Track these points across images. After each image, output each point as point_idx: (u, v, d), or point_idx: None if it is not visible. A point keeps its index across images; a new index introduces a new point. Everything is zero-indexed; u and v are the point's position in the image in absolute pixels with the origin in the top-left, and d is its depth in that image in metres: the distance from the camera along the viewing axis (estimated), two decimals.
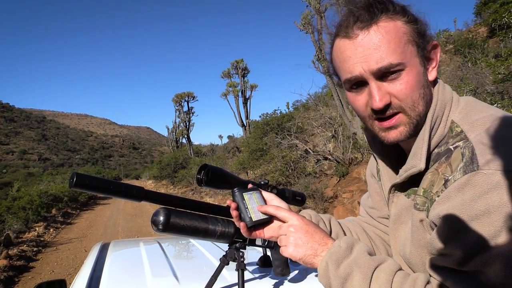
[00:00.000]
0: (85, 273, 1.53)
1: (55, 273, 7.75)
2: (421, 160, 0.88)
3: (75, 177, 0.90)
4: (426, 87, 0.90)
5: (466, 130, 0.84)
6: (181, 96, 40.02)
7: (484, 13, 17.44)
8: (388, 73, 0.86)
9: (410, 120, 0.89)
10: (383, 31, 0.85)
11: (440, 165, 0.84)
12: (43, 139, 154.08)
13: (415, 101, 0.87)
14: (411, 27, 0.88)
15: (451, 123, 0.90)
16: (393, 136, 0.91)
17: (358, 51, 0.87)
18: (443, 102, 0.91)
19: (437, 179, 0.83)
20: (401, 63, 0.85)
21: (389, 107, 0.88)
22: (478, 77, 9.23)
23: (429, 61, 0.92)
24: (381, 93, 0.86)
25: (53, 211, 17.22)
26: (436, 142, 0.90)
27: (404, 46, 0.86)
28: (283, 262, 1.31)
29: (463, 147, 0.80)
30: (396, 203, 1.02)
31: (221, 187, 1.17)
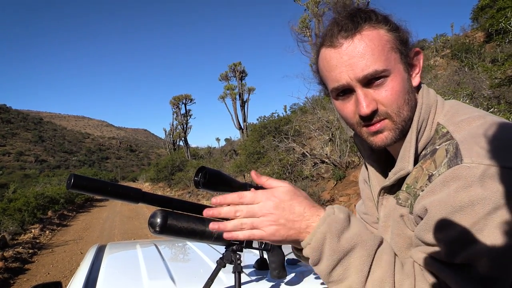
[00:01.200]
0: (81, 276, 1.53)
1: (50, 275, 7.72)
2: (409, 162, 0.90)
3: (73, 179, 0.89)
4: (410, 93, 0.92)
5: (452, 130, 0.86)
6: (178, 98, 40.06)
7: (481, 18, 17.54)
8: (373, 80, 0.88)
9: (395, 126, 0.91)
10: (366, 39, 0.87)
11: (425, 162, 0.86)
12: (40, 140, 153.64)
13: (400, 107, 0.90)
14: (393, 35, 0.90)
15: (437, 125, 0.91)
16: (380, 141, 0.93)
17: (343, 59, 0.88)
18: (428, 106, 0.93)
19: (421, 175, 0.86)
20: (386, 69, 0.87)
21: (375, 113, 0.90)
22: (474, 81, 9.27)
23: (412, 68, 0.94)
24: (367, 100, 0.88)
25: (49, 213, 17.16)
26: (423, 144, 0.92)
27: (387, 53, 0.88)
28: (280, 264, 1.32)
29: (448, 144, 0.82)
30: (385, 205, 1.03)
31: (218, 189, 1.17)
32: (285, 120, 17.36)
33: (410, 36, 0.93)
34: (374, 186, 1.09)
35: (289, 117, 18.57)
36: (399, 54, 0.90)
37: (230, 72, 31.51)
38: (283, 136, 14.13)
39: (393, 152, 1.04)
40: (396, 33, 0.90)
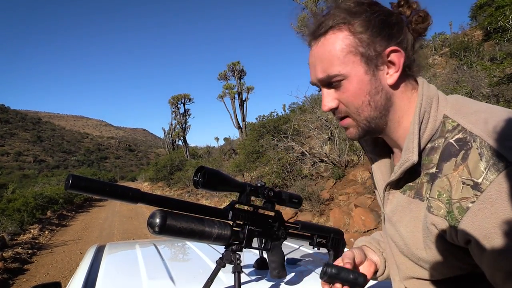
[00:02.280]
0: (80, 276, 1.53)
1: (50, 276, 7.72)
2: (413, 153, 0.90)
3: (71, 179, 0.89)
4: (375, 94, 0.93)
5: (463, 123, 0.85)
6: (177, 98, 40.03)
7: (480, 17, 17.53)
8: (331, 82, 0.93)
9: (357, 124, 0.96)
10: (326, 43, 0.92)
11: (457, 168, 0.82)
12: (38, 140, 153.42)
13: (358, 108, 0.93)
14: (356, 37, 0.90)
15: (443, 117, 0.91)
16: (349, 135, 1.00)
17: (311, 60, 0.96)
18: (428, 97, 0.94)
19: (455, 182, 0.82)
20: (339, 74, 0.91)
21: (336, 111, 0.97)
22: (473, 80, 9.27)
23: (389, 65, 0.93)
24: (327, 99, 0.95)
25: (48, 213, 17.15)
26: (429, 136, 0.92)
27: (345, 58, 0.90)
28: (280, 264, 1.32)
29: (479, 147, 0.79)
30: (391, 200, 1.02)
31: (217, 189, 1.17)
32: (284, 119, 17.34)
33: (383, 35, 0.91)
34: (379, 181, 1.09)
35: (288, 116, 18.55)
36: (359, 57, 0.90)
37: (229, 71, 31.47)
38: (282, 135, 14.12)
39: (391, 144, 1.05)
40: (363, 34, 0.90)
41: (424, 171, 0.92)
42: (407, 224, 0.96)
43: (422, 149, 0.92)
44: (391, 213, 1.02)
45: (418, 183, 0.94)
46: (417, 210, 0.93)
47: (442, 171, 0.85)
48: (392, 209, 1.01)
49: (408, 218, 0.96)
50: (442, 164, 0.86)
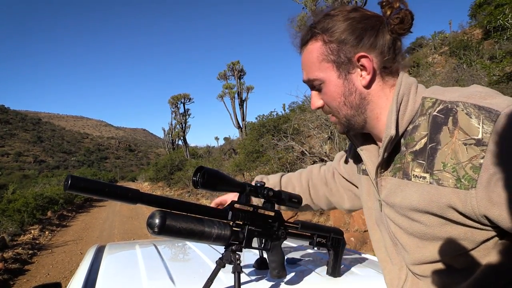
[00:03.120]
0: (80, 276, 1.52)
1: (50, 276, 7.72)
2: (391, 128, 0.97)
3: (70, 180, 0.89)
4: (349, 95, 1.04)
5: (441, 97, 0.94)
6: (177, 97, 40.05)
7: (479, 15, 17.54)
8: (313, 86, 1.09)
9: (339, 121, 1.09)
10: (307, 52, 1.07)
11: (452, 134, 0.86)
12: (38, 141, 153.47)
13: (336, 107, 1.06)
14: (327, 46, 1.03)
15: (422, 98, 0.99)
16: (338, 130, 1.13)
17: (301, 65, 1.10)
18: (407, 84, 1.02)
19: (457, 147, 0.85)
20: (317, 79, 1.06)
21: (322, 109, 1.11)
22: (473, 78, 9.28)
23: (361, 70, 1.02)
24: (314, 99, 1.11)
25: (48, 214, 17.15)
26: (410, 117, 0.99)
27: (320, 65, 1.04)
28: (280, 264, 1.32)
29: (464, 108, 0.85)
30: (385, 185, 1.07)
31: (217, 189, 1.17)
32: (284, 119, 17.35)
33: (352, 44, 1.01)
34: (372, 171, 1.12)
35: (288, 115, 18.55)
36: (331, 63, 1.03)
37: (228, 71, 31.49)
38: (282, 135, 14.12)
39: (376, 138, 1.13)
40: (333, 43, 1.02)
41: (408, 150, 0.98)
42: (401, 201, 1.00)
43: (404, 129, 0.99)
44: (387, 197, 1.06)
45: (404, 162, 0.99)
46: (406, 189, 0.98)
47: (440, 143, 0.89)
48: (387, 194, 1.06)
49: (399, 198, 1.00)
50: (437, 137, 0.90)
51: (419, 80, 13.11)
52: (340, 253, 1.55)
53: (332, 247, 1.52)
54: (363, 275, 1.60)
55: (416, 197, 0.95)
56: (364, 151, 1.17)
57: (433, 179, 0.90)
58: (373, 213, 1.21)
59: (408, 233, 1.02)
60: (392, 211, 1.06)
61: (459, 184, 0.84)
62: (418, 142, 0.95)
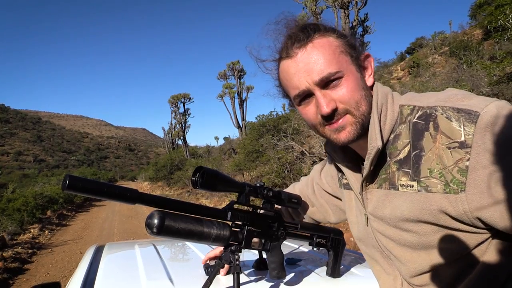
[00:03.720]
0: (79, 276, 1.52)
1: (50, 275, 7.71)
2: (376, 139, 0.95)
3: (68, 180, 0.88)
4: (366, 89, 1.00)
5: (418, 104, 0.94)
6: (177, 97, 40.03)
7: (479, 16, 17.54)
8: (329, 82, 0.95)
9: (356, 120, 0.98)
10: (318, 46, 0.96)
11: (435, 139, 0.86)
12: (38, 140, 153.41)
13: (358, 102, 0.97)
14: (341, 40, 0.99)
15: (400, 107, 0.98)
16: (344, 137, 0.99)
17: (300, 67, 0.97)
18: (383, 93, 1.01)
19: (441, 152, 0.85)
20: (339, 71, 0.95)
21: (336, 112, 0.97)
22: (473, 79, 9.27)
23: (364, 70, 1.02)
24: (326, 100, 0.96)
25: (48, 213, 17.14)
26: (390, 126, 0.98)
27: (338, 57, 0.96)
28: (279, 265, 1.31)
29: (443, 112, 0.86)
30: (371, 199, 1.06)
31: (216, 189, 1.16)
32: (284, 119, 17.31)
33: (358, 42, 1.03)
34: (354, 185, 1.11)
35: (288, 115, 18.51)
36: (349, 57, 0.98)
37: (228, 71, 31.45)
38: (282, 135, 14.11)
39: (360, 151, 1.09)
40: (344, 38, 1.00)
41: (392, 159, 0.97)
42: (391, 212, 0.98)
43: (387, 139, 0.98)
44: (375, 210, 1.04)
45: (390, 173, 0.98)
46: (394, 200, 0.96)
47: (424, 149, 0.89)
48: (374, 207, 1.04)
49: (389, 210, 0.99)
50: (420, 144, 0.90)
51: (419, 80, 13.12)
52: (340, 254, 1.54)
53: (332, 248, 1.52)
54: (363, 276, 1.59)
55: (406, 207, 0.93)
56: (345, 166, 1.15)
57: (421, 186, 0.89)
58: (356, 228, 1.20)
59: (401, 245, 1.01)
60: (381, 224, 1.04)
61: (448, 189, 0.84)
62: (402, 151, 0.95)
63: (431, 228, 0.91)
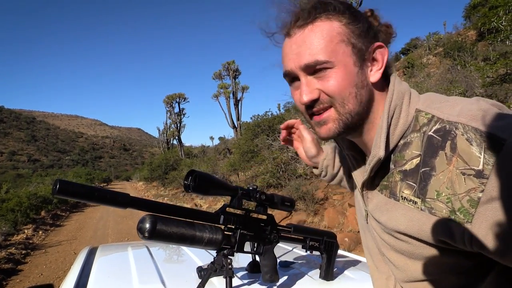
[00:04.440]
0: (71, 279, 1.51)
1: (44, 276, 7.67)
2: (380, 147, 0.88)
3: (59, 184, 0.88)
4: (361, 88, 0.90)
5: (438, 114, 0.83)
6: (172, 97, 39.97)
7: (473, 17, 17.63)
8: (317, 70, 0.88)
9: (339, 117, 0.90)
10: (316, 30, 0.88)
11: (450, 161, 0.77)
12: (32, 140, 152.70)
13: (345, 98, 0.88)
14: (348, 27, 0.89)
15: (416, 111, 0.89)
16: (323, 132, 0.93)
17: (292, 48, 0.91)
18: (400, 93, 0.92)
19: (454, 176, 0.76)
20: (329, 61, 0.86)
21: (316, 102, 0.90)
22: (467, 80, 9.31)
23: (372, 63, 0.92)
24: (308, 89, 0.90)
25: (42, 213, 17.05)
26: (401, 131, 0.89)
27: (335, 46, 0.87)
28: (272, 268, 1.31)
29: (465, 133, 0.76)
30: (371, 199, 1.00)
31: (208, 193, 1.16)
32: (279, 119, 17.32)
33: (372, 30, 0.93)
34: (358, 179, 1.06)
35: (283, 115, 18.54)
36: (350, 47, 0.89)
37: (223, 71, 31.45)
38: (277, 135, 14.12)
39: (363, 148, 1.02)
40: (353, 26, 0.90)
41: (397, 168, 0.89)
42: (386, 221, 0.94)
43: (395, 145, 0.90)
44: (374, 212, 0.99)
45: (392, 181, 0.91)
46: (393, 210, 0.90)
47: (435, 169, 0.80)
48: (373, 208, 0.99)
49: (385, 218, 0.94)
50: (432, 161, 0.81)
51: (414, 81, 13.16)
52: (333, 257, 1.54)
53: (325, 251, 1.52)
54: (356, 279, 1.59)
55: (403, 221, 0.87)
56: (351, 156, 1.09)
57: (425, 206, 0.82)
58: (359, 216, 1.15)
59: (395, 250, 0.96)
60: (378, 226, 1.00)
61: (453, 216, 0.77)
62: (409, 162, 0.86)
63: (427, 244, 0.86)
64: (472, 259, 0.82)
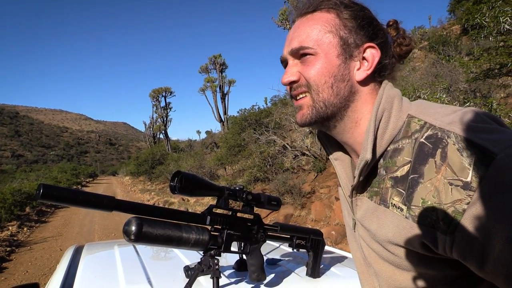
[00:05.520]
0: (57, 281, 1.50)
1: (29, 274, 7.59)
2: (367, 151, 0.87)
3: (42, 189, 0.87)
4: (340, 81, 0.91)
5: (431, 120, 0.82)
6: (158, 91, 39.69)
7: (458, 11, 17.81)
8: (302, 55, 0.92)
9: (313, 104, 0.92)
10: (312, 19, 0.93)
11: (439, 170, 0.76)
12: (16, 135, 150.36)
13: (320, 86, 0.91)
14: (342, 21, 0.92)
15: (408, 117, 0.88)
16: (299, 118, 0.96)
17: (289, 35, 0.96)
18: (389, 97, 0.91)
19: (441, 185, 0.75)
20: (311, 48, 0.90)
21: (295, 84, 0.94)
22: (451, 74, 9.41)
23: (362, 61, 0.92)
24: (290, 71, 0.94)
25: (27, 210, 16.84)
26: (391, 136, 0.88)
27: (323, 35, 0.91)
28: (259, 267, 1.31)
29: (456, 142, 0.75)
30: (360, 206, 0.99)
31: (195, 194, 1.16)
32: (266, 113, 17.35)
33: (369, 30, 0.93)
34: (346, 186, 1.05)
35: (270, 109, 18.56)
36: (338, 39, 0.91)
37: (210, 65, 31.30)
38: (263, 129, 14.13)
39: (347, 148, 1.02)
40: (348, 21, 0.92)
41: (388, 174, 0.88)
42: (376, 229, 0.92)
43: (384, 150, 0.89)
44: (362, 219, 0.98)
45: (383, 188, 0.90)
46: (383, 217, 0.89)
47: (423, 176, 0.79)
48: (362, 215, 0.98)
49: (375, 225, 0.92)
50: (421, 168, 0.80)
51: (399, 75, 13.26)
52: (320, 254, 1.55)
53: (312, 249, 1.53)
54: (343, 275, 1.61)
55: (391, 229, 0.86)
56: (337, 162, 1.07)
57: (409, 214, 0.81)
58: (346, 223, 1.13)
59: (383, 259, 0.95)
60: (366, 235, 0.98)
61: (436, 225, 0.76)
62: (400, 168, 0.85)
63: (414, 254, 0.85)
64: (459, 269, 0.81)
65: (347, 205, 1.07)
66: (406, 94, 6.69)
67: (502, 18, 6.08)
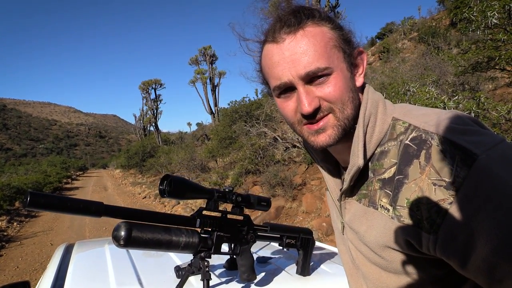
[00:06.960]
0: (48, 281, 1.49)
1: (20, 269, 7.56)
2: (358, 156, 0.88)
3: (29, 196, 0.86)
4: (354, 92, 0.90)
5: (415, 123, 0.84)
6: (148, 83, 39.39)
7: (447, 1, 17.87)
8: (315, 78, 0.86)
9: (338, 123, 0.88)
10: (309, 36, 0.86)
11: (423, 170, 0.77)
12: (4, 128, 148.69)
13: (345, 103, 0.88)
14: (336, 33, 0.89)
15: (392, 119, 0.90)
16: (322, 140, 0.90)
17: (285, 55, 0.86)
18: (374, 101, 0.92)
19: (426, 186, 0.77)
20: (328, 67, 0.85)
21: (318, 111, 0.87)
22: (440, 66, 9.47)
23: (356, 67, 0.93)
24: (309, 98, 0.86)
25: (16, 204, 16.69)
26: (377, 139, 0.90)
27: (330, 51, 0.86)
28: (249, 268, 1.32)
29: (439, 144, 0.77)
30: (349, 209, 1.00)
31: (184, 197, 1.16)
32: (257, 104, 17.31)
33: (353, 36, 0.93)
34: (334, 191, 1.06)
35: (261, 101, 18.51)
36: (342, 53, 0.89)
37: (200, 56, 31.11)
38: (254, 121, 14.11)
39: (337, 156, 1.02)
40: (339, 31, 0.90)
41: (376, 177, 0.89)
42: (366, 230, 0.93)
43: (372, 153, 0.91)
44: (351, 222, 0.99)
45: (371, 190, 0.91)
46: (372, 219, 0.90)
47: (408, 177, 0.80)
48: (351, 218, 0.99)
49: (364, 227, 0.93)
50: (406, 169, 0.81)
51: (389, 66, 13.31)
52: (309, 252, 1.57)
53: (302, 247, 1.54)
54: (332, 273, 1.62)
55: (380, 230, 0.87)
56: (325, 168, 1.08)
57: (395, 214, 0.83)
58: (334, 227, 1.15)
59: (371, 262, 0.96)
60: (355, 238, 0.99)
61: (420, 224, 0.78)
62: (388, 170, 0.86)
63: (400, 255, 0.86)
64: (443, 268, 0.83)
65: (335, 208, 1.08)
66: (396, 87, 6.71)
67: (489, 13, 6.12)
